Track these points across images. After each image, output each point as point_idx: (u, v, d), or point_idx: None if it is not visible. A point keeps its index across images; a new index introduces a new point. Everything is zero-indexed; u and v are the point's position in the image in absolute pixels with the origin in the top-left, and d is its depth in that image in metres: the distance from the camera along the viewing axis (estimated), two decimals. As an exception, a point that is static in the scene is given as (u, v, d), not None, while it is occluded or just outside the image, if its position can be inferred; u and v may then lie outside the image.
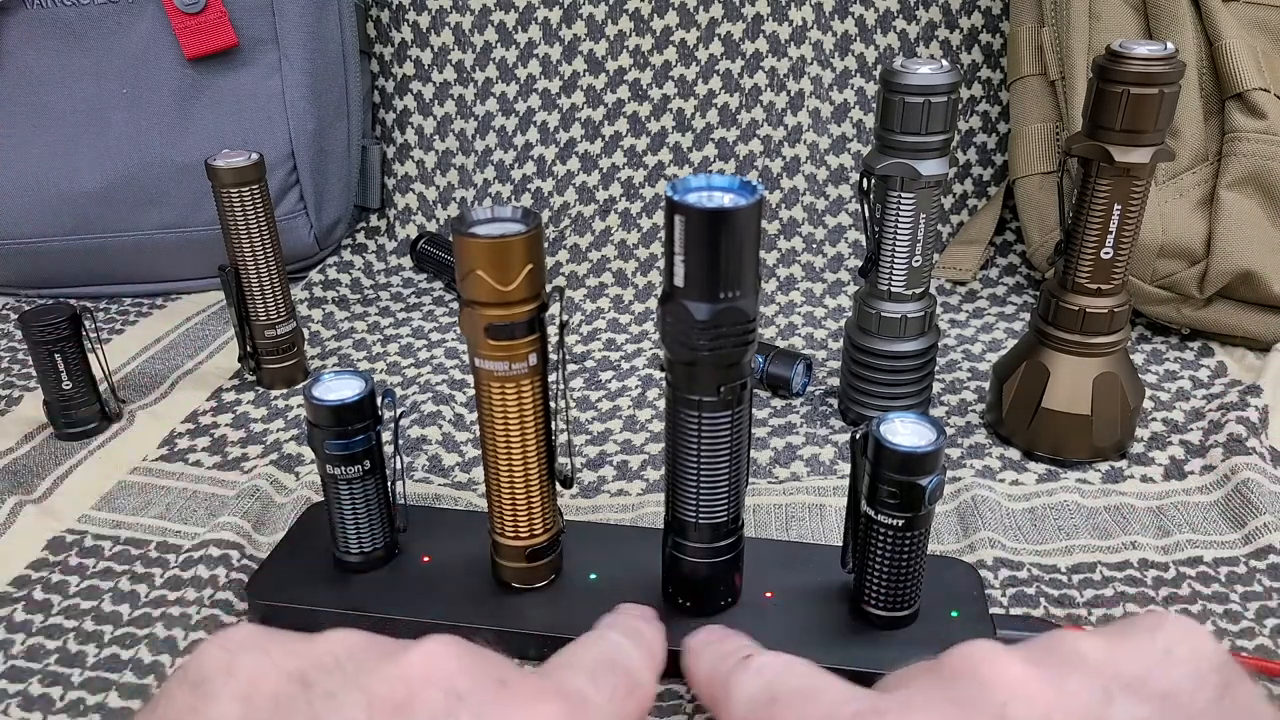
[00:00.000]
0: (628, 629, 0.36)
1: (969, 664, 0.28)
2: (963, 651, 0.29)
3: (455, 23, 0.84)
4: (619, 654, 0.34)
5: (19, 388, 0.66)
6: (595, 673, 0.32)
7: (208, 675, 0.27)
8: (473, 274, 0.36)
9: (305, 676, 0.27)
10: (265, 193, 0.62)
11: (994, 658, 0.28)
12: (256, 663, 0.27)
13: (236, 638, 0.28)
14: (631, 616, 0.38)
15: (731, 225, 0.33)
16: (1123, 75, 0.48)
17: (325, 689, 0.26)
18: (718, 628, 0.39)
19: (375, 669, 0.27)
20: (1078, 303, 0.53)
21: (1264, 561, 0.48)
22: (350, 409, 0.42)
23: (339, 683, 0.27)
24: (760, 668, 0.33)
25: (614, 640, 0.35)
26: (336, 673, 0.27)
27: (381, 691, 0.26)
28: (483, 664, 0.29)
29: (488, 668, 0.29)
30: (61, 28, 0.74)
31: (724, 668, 0.34)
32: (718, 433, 0.38)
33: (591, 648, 0.34)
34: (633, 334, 0.74)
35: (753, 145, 0.84)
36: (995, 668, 0.28)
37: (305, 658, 0.28)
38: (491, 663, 0.29)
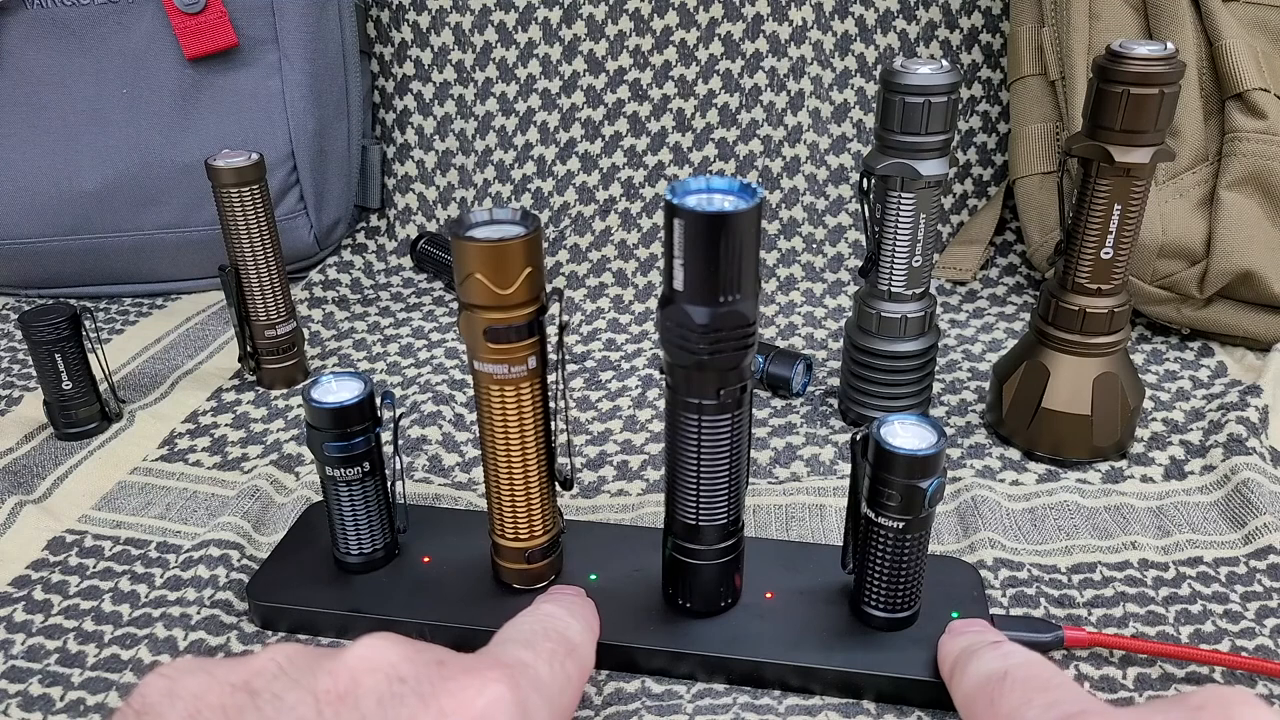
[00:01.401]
0: (560, 601, 0.38)
1: (1220, 702, 0.28)
2: (1213, 690, 0.28)
3: (455, 23, 0.84)
4: (553, 622, 0.36)
5: (19, 388, 0.66)
6: (531, 641, 0.34)
7: (151, 703, 0.27)
8: (471, 277, 0.36)
9: (250, 685, 0.28)
10: (265, 193, 0.62)
11: (1248, 702, 0.27)
12: (199, 682, 0.28)
13: (178, 665, 0.29)
14: (563, 592, 0.40)
15: (731, 229, 0.33)
16: (1123, 75, 0.48)
17: (272, 692, 0.27)
18: (982, 621, 0.41)
19: (317, 667, 0.28)
20: (1078, 303, 0.53)
21: (1264, 561, 0.48)
22: (349, 412, 0.42)
23: (284, 685, 0.27)
24: (1008, 652, 0.35)
25: (546, 610, 0.37)
26: (281, 677, 0.28)
27: (326, 685, 0.27)
28: (422, 651, 0.30)
29: (427, 653, 0.30)
30: (61, 28, 0.74)
31: (975, 645, 0.37)
32: (718, 435, 0.38)
33: (525, 620, 0.36)
34: (633, 334, 0.74)
35: (753, 145, 0.84)
36: (1248, 711, 0.27)
37: (247, 670, 0.28)
38: (430, 649, 0.30)
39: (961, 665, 0.37)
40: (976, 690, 0.34)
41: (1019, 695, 0.32)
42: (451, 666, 0.29)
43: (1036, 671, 0.33)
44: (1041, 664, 0.34)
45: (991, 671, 0.34)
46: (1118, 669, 0.42)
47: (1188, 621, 0.45)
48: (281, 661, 0.29)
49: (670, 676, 0.42)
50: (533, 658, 0.32)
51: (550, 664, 0.33)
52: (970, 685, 0.35)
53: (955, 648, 0.38)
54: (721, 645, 0.41)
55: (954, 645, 0.39)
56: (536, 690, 0.31)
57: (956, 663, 0.37)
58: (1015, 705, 0.31)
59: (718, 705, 0.40)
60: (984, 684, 0.34)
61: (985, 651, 0.36)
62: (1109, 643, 0.42)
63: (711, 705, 0.40)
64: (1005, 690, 0.32)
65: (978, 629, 0.40)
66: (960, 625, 0.41)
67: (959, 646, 0.38)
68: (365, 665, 0.28)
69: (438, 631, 0.42)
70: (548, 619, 0.36)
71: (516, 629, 0.35)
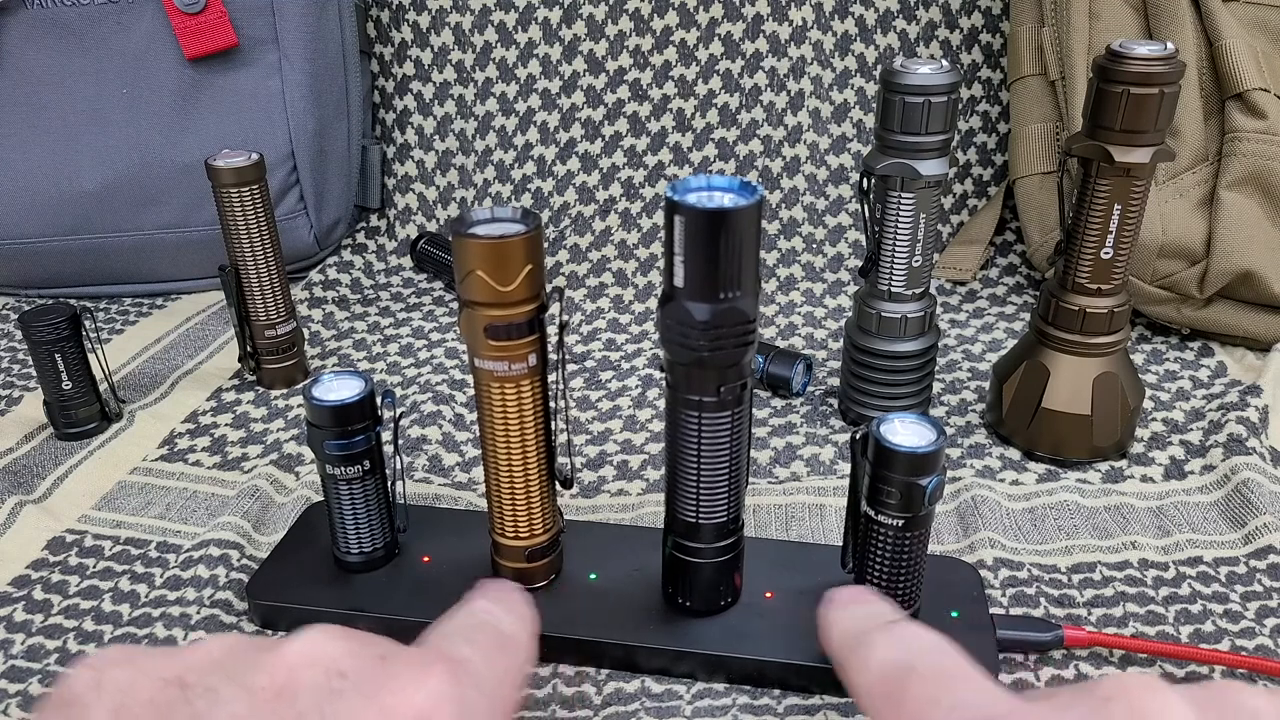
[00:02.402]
0: (492, 596, 0.37)
1: (1124, 693, 0.26)
2: (1122, 680, 0.27)
3: (455, 23, 0.84)
4: (487, 616, 0.35)
5: (19, 388, 0.66)
6: (468, 635, 0.33)
7: (76, 695, 0.26)
8: (472, 275, 0.36)
9: (182, 679, 0.27)
10: (265, 193, 0.62)
11: (1155, 690, 0.26)
12: (127, 675, 0.27)
13: (105, 656, 0.28)
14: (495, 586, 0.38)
15: (731, 226, 0.33)
16: (1123, 75, 0.48)
17: (205, 686, 0.26)
18: (865, 589, 0.38)
19: (254, 662, 0.27)
20: (1078, 303, 0.53)
21: (1264, 561, 0.48)
22: (350, 409, 0.42)
23: (218, 680, 0.26)
24: (905, 636, 0.32)
25: (480, 605, 0.36)
26: (215, 672, 0.27)
27: (262, 681, 0.26)
28: (363, 644, 0.29)
29: (368, 647, 0.29)
30: (61, 28, 0.74)
31: (865, 626, 0.34)
32: (718, 433, 0.38)
33: (459, 615, 0.35)
34: (633, 334, 0.74)
35: (753, 145, 0.84)
36: (1156, 701, 0.26)
37: (181, 663, 0.27)
38: (371, 642, 0.29)
39: (856, 654, 0.33)
40: (877, 687, 0.32)
41: (926, 694, 0.30)
42: (394, 661, 0.28)
43: (942, 662, 0.31)
44: (945, 651, 0.32)
45: (893, 664, 0.31)
46: (1118, 669, 0.42)
47: (1188, 621, 0.45)
48: (217, 655, 0.28)
49: (670, 676, 0.42)
50: (472, 652, 0.32)
51: (489, 657, 0.32)
52: (870, 680, 0.32)
53: (843, 626, 0.35)
54: (721, 645, 0.41)
55: (841, 623, 0.36)
56: (477, 686, 0.30)
57: (847, 648, 0.34)
58: (922, 708, 0.29)
59: (717, 705, 0.40)
60: (884, 679, 0.31)
61: (881, 636, 0.33)
62: (1109, 642, 0.42)
63: (711, 705, 0.40)
64: (910, 688, 0.30)
65: (866, 598, 0.37)
66: (845, 594, 0.37)
67: (846, 625, 0.35)
68: (304, 660, 0.27)
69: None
70: (482, 613, 0.35)
71: (451, 624, 0.34)
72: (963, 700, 0.28)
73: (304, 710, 0.26)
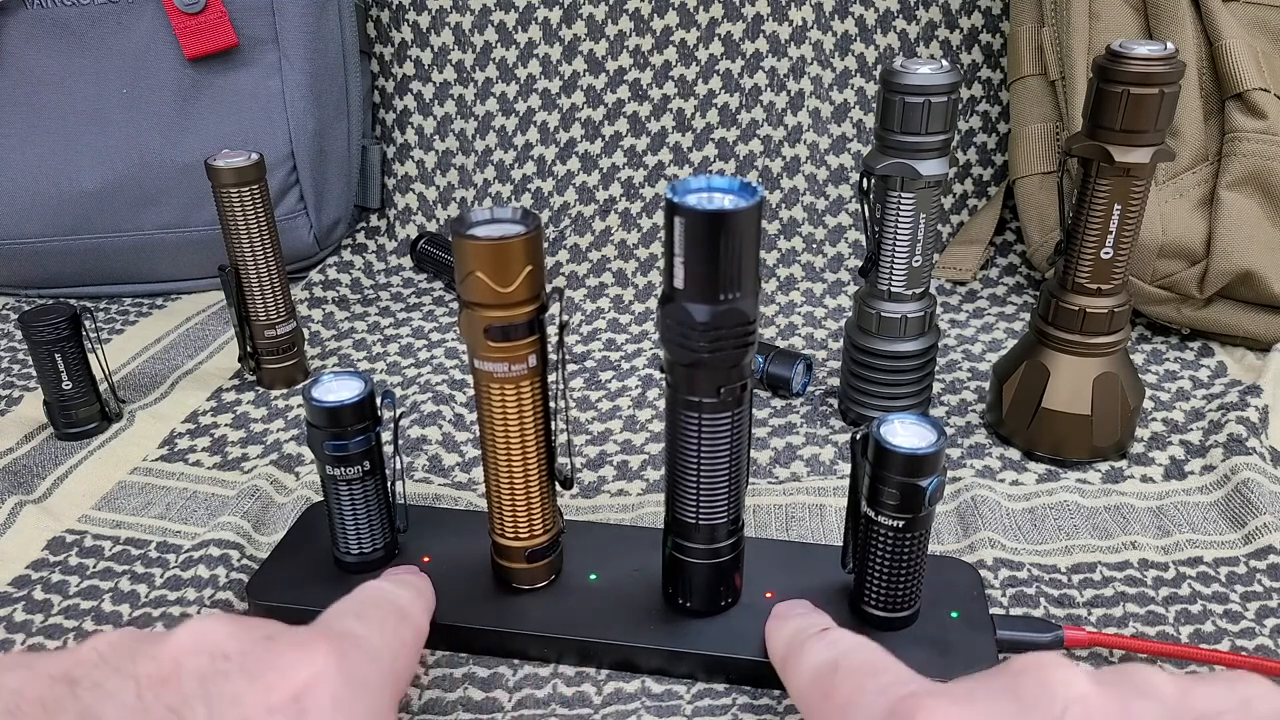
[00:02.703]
0: (391, 578, 0.38)
1: (1035, 667, 0.28)
2: (1033, 657, 0.29)
3: (455, 23, 0.84)
4: (382, 593, 0.36)
5: (19, 388, 0.66)
6: (360, 612, 0.34)
7: None
8: (472, 276, 0.36)
9: (70, 675, 0.27)
10: (265, 193, 0.62)
11: (1062, 666, 0.28)
12: (18, 676, 0.27)
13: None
14: (394, 569, 0.40)
15: (731, 227, 0.33)
16: (1123, 75, 0.48)
17: (92, 681, 0.27)
18: (804, 603, 0.41)
19: (139, 652, 0.28)
20: (1078, 303, 0.53)
21: (1264, 561, 0.48)
22: (349, 410, 0.42)
23: (105, 673, 0.27)
24: (833, 641, 0.35)
25: (375, 584, 0.37)
26: (102, 666, 0.28)
27: (148, 670, 0.27)
28: (248, 627, 0.29)
29: (253, 629, 0.29)
30: (61, 28, 0.74)
31: (801, 637, 0.37)
32: (718, 434, 0.38)
33: (356, 594, 0.36)
34: (633, 334, 0.74)
35: (753, 145, 0.84)
36: (1061, 675, 0.28)
37: (68, 661, 0.28)
38: (257, 625, 0.30)
39: (792, 659, 0.36)
40: (810, 685, 0.34)
41: (851, 684, 0.32)
42: (278, 641, 0.29)
43: (865, 657, 0.33)
44: (869, 648, 0.34)
45: (822, 664, 0.34)
46: (1118, 668, 0.42)
47: (1188, 621, 0.45)
48: (103, 649, 0.28)
49: (670, 676, 0.42)
50: (363, 627, 0.33)
51: (381, 630, 0.33)
52: (804, 680, 0.35)
53: (782, 637, 0.38)
54: (721, 645, 0.41)
55: (781, 634, 0.38)
56: (367, 658, 0.31)
57: (787, 655, 0.37)
58: (848, 695, 0.32)
59: (717, 705, 0.40)
60: (816, 678, 0.34)
61: (812, 643, 0.36)
62: (1109, 642, 0.42)
63: (711, 705, 0.40)
64: (837, 681, 0.33)
65: (801, 611, 0.40)
66: (784, 609, 0.40)
67: (785, 636, 0.38)
68: (188, 647, 0.28)
69: (438, 631, 0.42)
70: (377, 591, 0.36)
71: (346, 603, 0.35)
72: (884, 684, 0.31)
73: (188, 693, 0.26)
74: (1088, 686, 0.27)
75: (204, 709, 0.26)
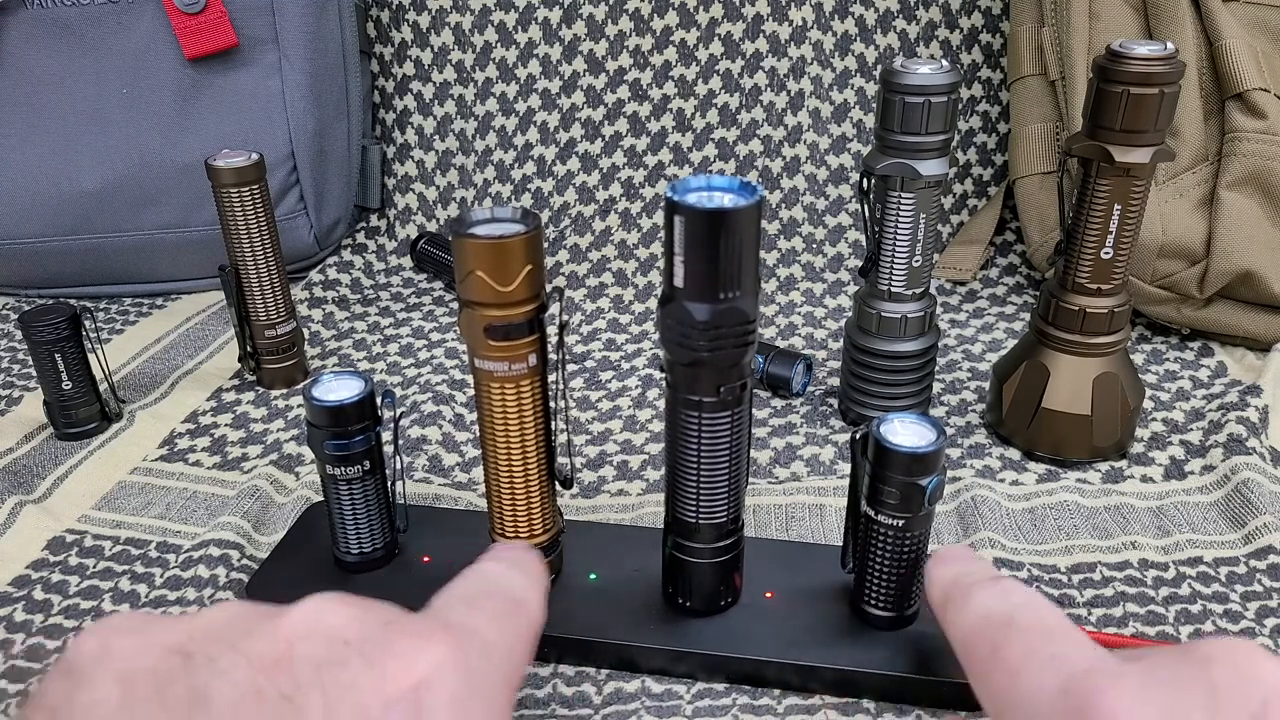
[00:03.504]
0: (504, 558, 0.36)
1: (1228, 653, 0.26)
2: (1225, 642, 0.27)
3: (455, 23, 0.84)
4: (496, 580, 0.34)
5: (19, 388, 0.66)
6: (474, 601, 0.32)
7: (82, 662, 0.26)
8: (472, 275, 0.36)
9: (184, 648, 0.26)
10: (265, 193, 0.62)
11: (1258, 654, 0.26)
12: (132, 643, 0.27)
13: (112, 623, 0.28)
14: (506, 548, 0.38)
15: (731, 226, 0.33)
16: (1123, 75, 0.48)
17: (206, 656, 0.26)
18: (969, 550, 0.39)
19: (255, 630, 0.27)
20: (1078, 303, 0.53)
21: (1264, 561, 0.48)
22: (350, 410, 0.42)
23: (219, 649, 0.26)
24: (1009, 589, 0.33)
25: (489, 569, 0.35)
26: (217, 640, 0.27)
27: (261, 649, 0.26)
28: (366, 611, 0.29)
29: (371, 613, 0.28)
30: (61, 28, 0.74)
31: (971, 578, 0.35)
32: (718, 433, 0.38)
33: (467, 580, 0.34)
34: (633, 334, 0.74)
35: (753, 145, 0.84)
36: (1260, 663, 0.26)
37: (184, 631, 0.27)
38: (375, 609, 0.29)
39: (958, 600, 0.34)
40: (976, 633, 0.32)
41: (1024, 645, 0.30)
42: (397, 629, 0.28)
43: (1042, 617, 0.31)
44: (1045, 606, 0.32)
45: (993, 613, 0.32)
46: (1118, 668, 0.42)
47: (1188, 621, 0.45)
48: (220, 622, 0.28)
49: (670, 676, 0.42)
50: (477, 619, 0.31)
51: (495, 623, 0.31)
52: (969, 625, 0.33)
53: (946, 576, 0.36)
54: (721, 645, 0.41)
55: (945, 572, 0.36)
56: (483, 653, 0.29)
57: (950, 594, 0.35)
58: (1020, 656, 0.30)
59: (717, 705, 0.40)
60: (985, 626, 0.32)
61: (985, 588, 0.34)
62: (1109, 642, 0.42)
63: (711, 705, 0.40)
64: (1010, 637, 0.31)
65: (967, 557, 0.38)
66: (949, 552, 0.38)
67: (950, 576, 0.36)
68: (304, 629, 0.27)
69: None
70: (491, 577, 0.35)
71: (458, 589, 0.33)
72: (1061, 652, 0.29)
73: (302, 680, 0.25)
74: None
75: (319, 696, 0.25)
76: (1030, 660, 0.29)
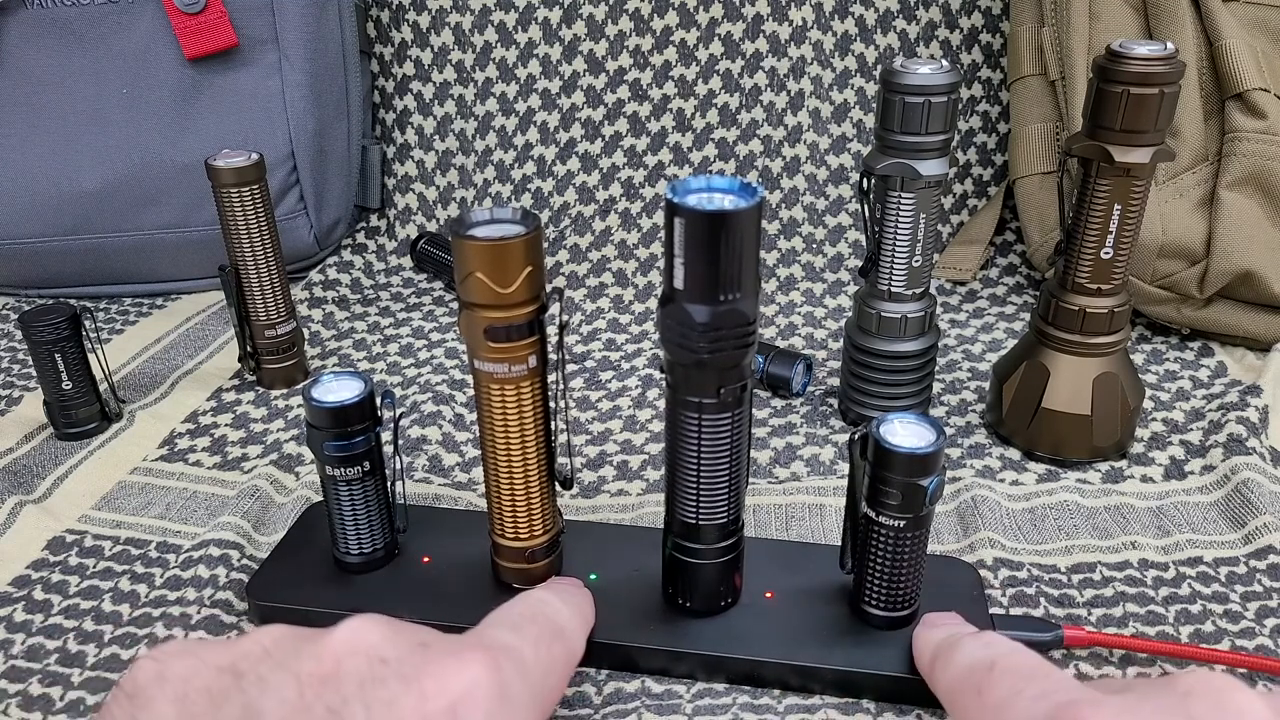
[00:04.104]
0: (554, 589, 0.38)
1: (1207, 688, 0.27)
2: (1203, 675, 0.28)
3: (455, 23, 0.84)
4: (542, 607, 0.36)
5: (19, 388, 0.66)
6: (517, 625, 0.34)
7: (141, 686, 0.28)
8: (472, 276, 0.36)
9: (236, 668, 0.28)
10: (265, 193, 0.62)
11: (1238, 689, 0.27)
12: (187, 665, 0.28)
13: (167, 649, 0.29)
14: (560, 582, 0.40)
15: (731, 227, 0.33)
16: (1122, 75, 0.48)
17: (256, 675, 0.28)
18: (955, 615, 0.41)
19: (302, 650, 0.29)
20: (1078, 303, 0.53)
21: (1264, 561, 0.48)
22: (349, 411, 0.42)
23: (269, 668, 0.28)
24: (990, 641, 0.35)
25: (538, 596, 0.37)
26: (265, 660, 0.28)
27: (309, 668, 0.28)
28: (404, 632, 0.30)
29: (410, 635, 0.30)
30: (61, 28, 0.74)
31: (955, 636, 0.36)
32: (718, 434, 0.38)
33: (515, 604, 0.36)
34: (633, 334, 0.74)
35: (753, 145, 0.84)
36: (1239, 699, 0.26)
37: (234, 653, 0.29)
38: (413, 631, 0.30)
39: (944, 656, 0.36)
40: (962, 681, 0.33)
41: (1008, 685, 0.31)
42: (434, 648, 0.29)
43: (1024, 660, 0.33)
44: (1027, 653, 0.33)
45: (977, 661, 0.33)
46: (1117, 669, 0.42)
47: (1188, 621, 0.45)
48: (267, 644, 0.29)
49: (670, 676, 0.42)
50: (517, 640, 0.32)
51: (535, 647, 0.33)
52: (955, 676, 0.34)
53: (934, 639, 0.38)
54: (721, 645, 0.41)
55: (932, 636, 0.38)
56: (519, 673, 0.31)
57: (937, 654, 0.37)
58: (1004, 695, 0.31)
59: (717, 705, 0.40)
60: (969, 674, 0.33)
61: (967, 641, 0.35)
62: (1109, 642, 0.42)
63: (711, 705, 0.40)
64: (993, 680, 0.32)
65: (954, 621, 0.40)
66: (935, 618, 0.40)
67: (938, 637, 0.38)
68: (348, 647, 0.28)
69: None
70: (537, 604, 0.36)
71: (505, 613, 0.35)
72: (1043, 690, 0.30)
73: (347, 695, 0.27)
74: (1266, 711, 0.26)
75: (363, 712, 0.27)
76: (1015, 700, 0.30)
